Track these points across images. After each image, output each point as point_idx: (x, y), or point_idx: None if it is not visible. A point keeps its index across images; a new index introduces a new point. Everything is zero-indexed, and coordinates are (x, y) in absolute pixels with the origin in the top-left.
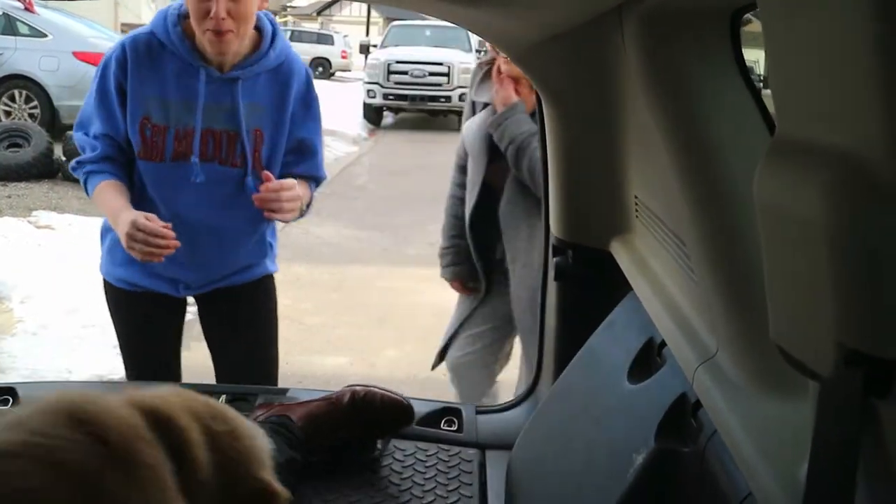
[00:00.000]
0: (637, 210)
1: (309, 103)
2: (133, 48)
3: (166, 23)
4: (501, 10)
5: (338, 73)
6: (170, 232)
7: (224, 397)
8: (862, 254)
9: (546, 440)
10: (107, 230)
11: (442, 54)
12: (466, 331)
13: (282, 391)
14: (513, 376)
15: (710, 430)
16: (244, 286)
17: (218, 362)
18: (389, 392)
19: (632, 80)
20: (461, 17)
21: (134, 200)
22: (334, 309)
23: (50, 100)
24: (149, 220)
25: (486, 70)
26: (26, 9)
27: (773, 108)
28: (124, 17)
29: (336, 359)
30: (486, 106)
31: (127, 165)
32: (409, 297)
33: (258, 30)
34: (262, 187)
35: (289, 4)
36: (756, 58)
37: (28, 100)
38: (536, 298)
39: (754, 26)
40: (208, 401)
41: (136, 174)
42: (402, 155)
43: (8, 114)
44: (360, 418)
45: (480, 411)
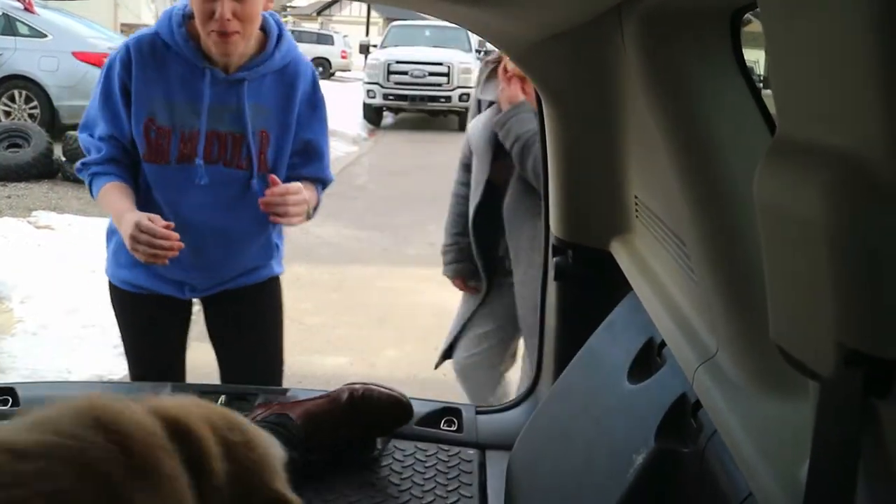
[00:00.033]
0: (637, 210)
1: (315, 104)
2: (137, 49)
3: (171, 23)
4: (501, 10)
5: (338, 74)
6: (173, 233)
7: (223, 398)
8: (862, 254)
9: (546, 440)
10: (112, 232)
11: (442, 54)
12: (472, 331)
13: (282, 391)
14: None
15: (710, 430)
16: (250, 288)
17: (223, 363)
18: (388, 389)
19: (632, 80)
20: (461, 17)
21: (139, 202)
22: (334, 309)
23: (50, 100)
24: (152, 222)
25: (493, 68)
26: (26, 9)
27: (773, 108)
28: (124, 18)
29: (336, 359)
30: (491, 104)
31: (132, 167)
32: (409, 297)
33: (264, 30)
34: (267, 191)
35: (289, 4)
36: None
37: (28, 100)
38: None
39: (754, 26)
40: (224, 411)
41: (141, 176)
42: (402, 155)
43: (8, 114)
44: (359, 416)
45: (480, 411)
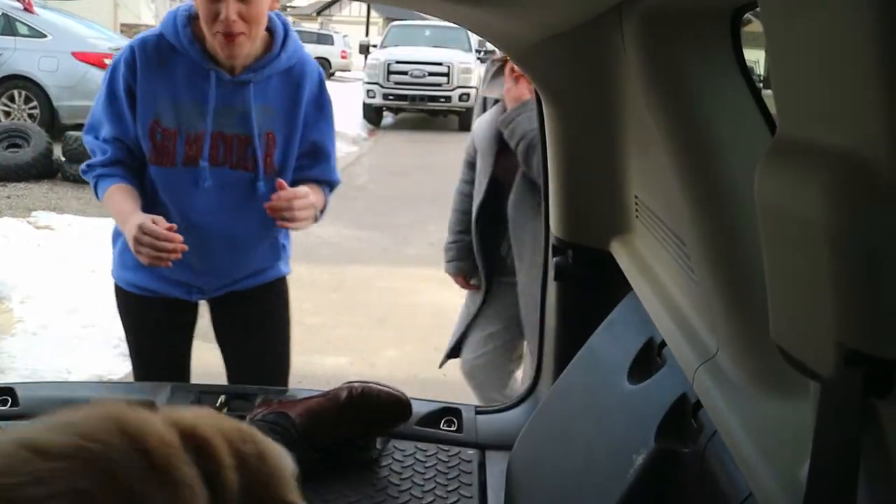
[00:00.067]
0: (637, 210)
1: (322, 105)
2: (142, 50)
3: (176, 24)
4: (501, 9)
5: (337, 74)
6: (176, 235)
7: (223, 397)
8: (862, 254)
9: (546, 440)
10: (118, 234)
11: (442, 54)
12: (478, 332)
13: (281, 391)
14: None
15: (711, 430)
16: (257, 288)
17: (230, 363)
18: (387, 387)
19: (632, 80)
20: (461, 17)
21: (146, 205)
22: (334, 309)
23: (49, 100)
24: (155, 224)
25: (499, 66)
26: (25, 9)
27: (773, 108)
28: (124, 18)
29: (336, 359)
30: (496, 102)
31: (138, 169)
32: (409, 297)
33: (270, 31)
34: (274, 196)
35: (289, 4)
36: (756, 58)
37: (27, 100)
38: None
39: (754, 26)
40: (237, 423)
41: (147, 178)
42: (402, 155)
43: (7, 114)
44: (358, 414)
45: (480, 411)
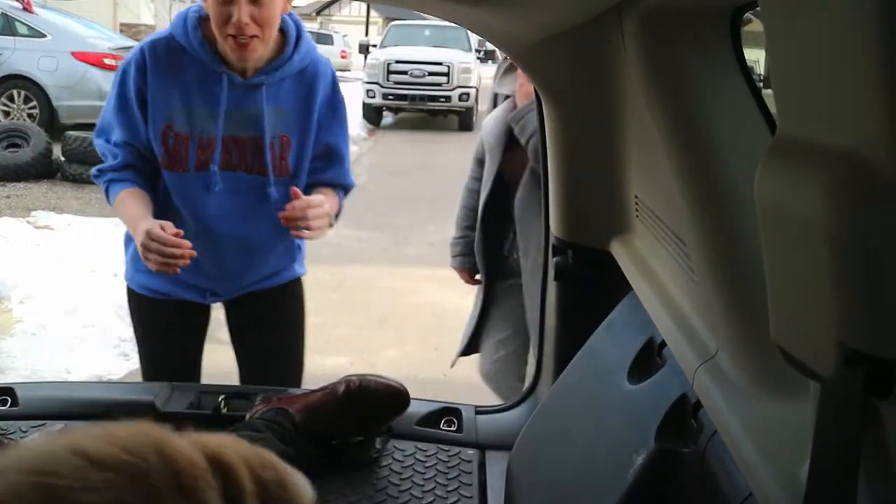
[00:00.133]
0: (637, 210)
1: (335, 107)
2: (152, 52)
3: (186, 26)
4: (501, 9)
5: (337, 73)
6: (184, 241)
7: (223, 398)
8: (862, 254)
9: (546, 440)
10: (130, 238)
11: (441, 54)
12: (490, 339)
13: (281, 391)
14: None
15: (711, 430)
16: (272, 290)
17: (243, 364)
18: (385, 379)
19: (632, 79)
20: (461, 17)
21: (159, 209)
22: (334, 309)
23: (49, 100)
24: (163, 230)
25: (511, 63)
26: (25, 9)
27: (773, 108)
28: (123, 18)
29: (336, 359)
30: (507, 98)
31: (149, 172)
32: (409, 297)
33: (282, 32)
34: (288, 206)
35: None
36: (756, 57)
37: (27, 100)
38: None
39: (754, 26)
40: (258, 450)
41: (160, 182)
42: (402, 155)
43: (7, 114)
44: (356, 408)
45: (480, 411)
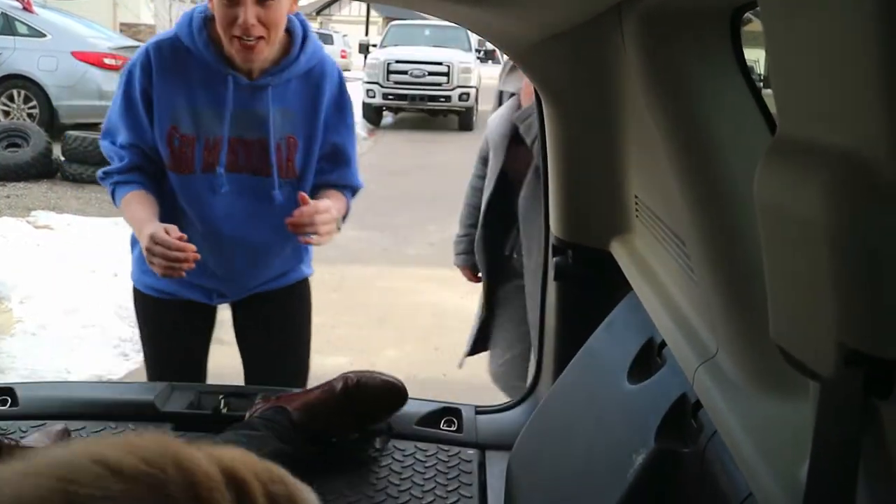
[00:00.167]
0: (637, 210)
1: (342, 107)
2: (158, 53)
3: (191, 27)
4: (501, 9)
5: None
6: (188, 245)
7: (223, 397)
8: (862, 254)
9: (546, 440)
10: (136, 239)
11: (441, 54)
12: (497, 341)
13: (282, 391)
14: None
15: (711, 430)
16: (279, 291)
17: (249, 365)
18: (382, 375)
19: (632, 80)
20: (461, 17)
21: (166, 211)
22: (334, 309)
23: (49, 100)
24: (168, 233)
25: None
26: (25, 8)
27: (773, 108)
28: (123, 17)
29: (336, 359)
30: (512, 95)
31: (156, 174)
32: (409, 297)
33: (288, 32)
34: (296, 212)
35: None
36: (756, 57)
37: (27, 99)
38: None
39: (754, 26)
40: (268, 464)
41: (167, 184)
42: (402, 155)
43: (7, 114)
44: (353, 405)
45: (480, 411)
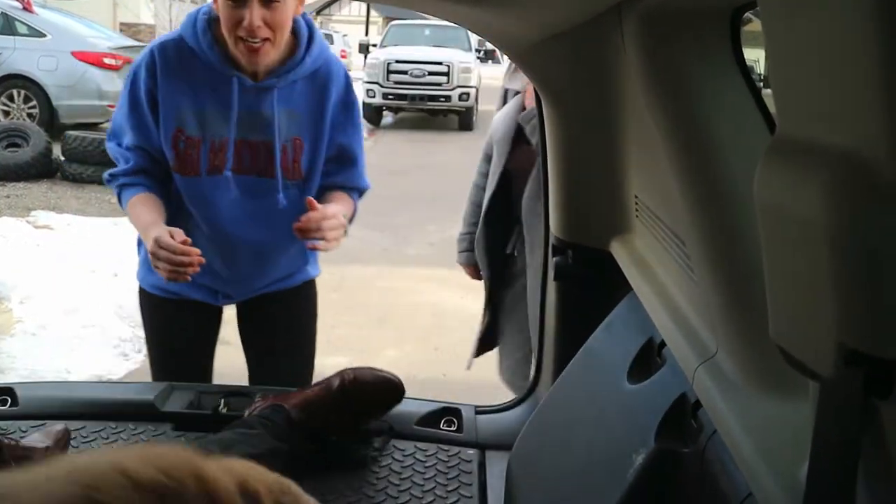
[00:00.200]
0: (637, 210)
1: (348, 108)
2: (162, 54)
3: (195, 28)
4: (501, 9)
5: None
6: (192, 249)
7: (222, 397)
8: (862, 254)
9: (546, 440)
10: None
11: (441, 54)
12: (506, 343)
13: (282, 390)
14: None
15: (710, 430)
16: (285, 292)
17: (254, 367)
18: (380, 371)
19: (632, 80)
20: (461, 17)
21: (172, 213)
22: (334, 309)
23: (48, 99)
24: (172, 237)
25: None
26: (25, 8)
27: (773, 108)
28: (123, 17)
29: (336, 359)
30: (517, 93)
31: (162, 176)
32: (409, 297)
33: (294, 33)
34: (303, 217)
35: None
36: (756, 57)
37: (27, 99)
38: None
39: (754, 26)
40: (277, 476)
41: (173, 186)
42: (402, 155)
43: (6, 113)
44: (350, 402)
45: (480, 411)
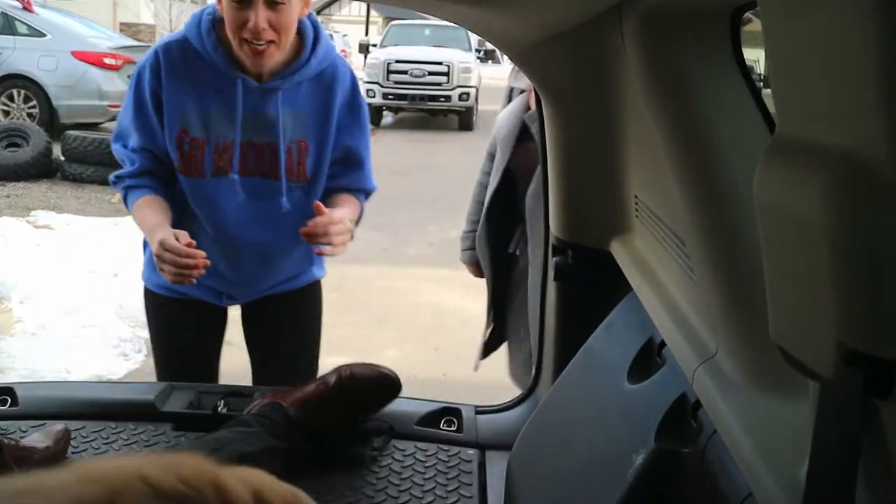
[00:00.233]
0: (637, 210)
1: (355, 109)
2: (167, 55)
3: (200, 29)
4: (501, 9)
5: None
6: (197, 251)
7: (222, 397)
8: (862, 254)
9: (546, 440)
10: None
11: (441, 54)
12: (512, 343)
13: (282, 390)
14: None
15: (710, 430)
16: (290, 293)
17: (258, 368)
18: (376, 366)
19: (632, 80)
20: (461, 17)
21: (177, 214)
22: (334, 309)
23: (48, 99)
24: (177, 240)
25: None
26: (25, 8)
27: (773, 108)
28: (123, 17)
29: (336, 359)
30: (522, 92)
31: (168, 178)
32: (409, 297)
33: (299, 34)
34: (310, 222)
35: None
36: (756, 57)
37: (27, 99)
38: None
39: (754, 26)
40: (288, 486)
41: (178, 187)
42: (402, 155)
43: (7, 113)
44: (346, 399)
45: (480, 411)
